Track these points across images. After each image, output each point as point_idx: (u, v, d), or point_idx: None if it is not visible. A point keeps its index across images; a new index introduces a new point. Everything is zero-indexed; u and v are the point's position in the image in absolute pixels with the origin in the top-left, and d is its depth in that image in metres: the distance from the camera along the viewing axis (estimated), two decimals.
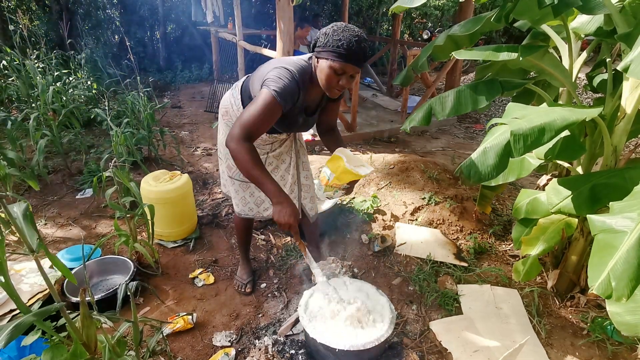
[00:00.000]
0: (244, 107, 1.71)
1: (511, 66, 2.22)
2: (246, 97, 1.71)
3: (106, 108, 3.24)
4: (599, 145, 1.96)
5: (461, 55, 1.83)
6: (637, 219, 1.22)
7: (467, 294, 2.18)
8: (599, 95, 2.31)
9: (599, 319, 1.98)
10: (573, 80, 2.01)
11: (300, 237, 1.55)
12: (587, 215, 1.37)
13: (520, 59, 1.67)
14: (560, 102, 2.17)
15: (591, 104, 2.21)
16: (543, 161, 2.02)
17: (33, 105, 3.61)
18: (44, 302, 1.84)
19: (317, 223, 2.26)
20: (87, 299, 1.16)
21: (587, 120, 1.44)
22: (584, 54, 2.09)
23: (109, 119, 2.65)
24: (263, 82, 1.51)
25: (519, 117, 1.52)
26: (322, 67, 1.46)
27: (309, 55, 1.59)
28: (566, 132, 1.73)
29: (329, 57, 1.42)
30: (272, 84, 1.45)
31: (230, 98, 1.81)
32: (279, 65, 1.51)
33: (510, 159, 1.49)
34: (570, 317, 2.05)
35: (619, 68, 1.37)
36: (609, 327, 1.91)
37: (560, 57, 2.14)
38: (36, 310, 0.96)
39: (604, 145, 1.83)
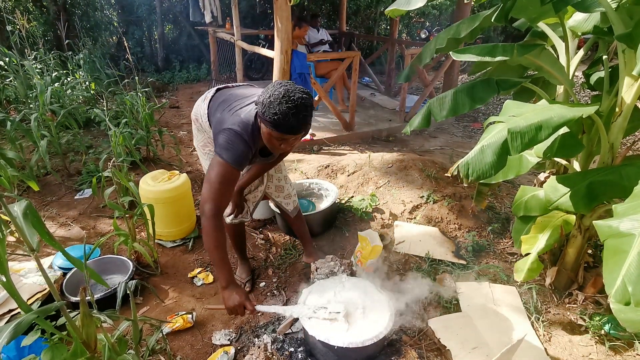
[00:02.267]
0: (209, 123, 1.77)
1: (510, 63, 2.23)
2: (212, 117, 1.76)
3: (104, 108, 3.25)
4: (596, 142, 1.97)
5: (458, 56, 1.84)
6: None
7: (465, 292, 2.18)
8: (596, 92, 2.32)
9: (597, 316, 1.99)
10: (570, 78, 2.02)
11: (253, 308, 1.53)
12: (593, 222, 1.38)
13: (518, 57, 1.68)
14: (558, 99, 2.18)
15: (589, 102, 2.22)
16: (541, 159, 2.03)
17: (31, 105, 3.60)
18: (43, 302, 1.84)
19: (300, 217, 2.33)
20: (87, 298, 1.17)
21: (583, 117, 1.45)
22: (581, 52, 2.10)
23: (107, 120, 2.65)
24: (215, 144, 1.56)
25: (516, 114, 1.53)
26: (264, 131, 1.51)
27: (255, 107, 1.57)
28: (564, 130, 1.74)
29: (267, 126, 1.46)
30: (225, 154, 1.50)
31: (200, 107, 1.87)
32: (228, 126, 1.55)
33: (508, 156, 1.51)
34: (568, 313, 2.06)
35: (634, 73, 1.37)
36: (607, 323, 1.92)
37: (557, 55, 2.15)
38: (37, 309, 0.97)
39: (601, 143, 1.84)
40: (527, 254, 2.01)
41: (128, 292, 1.30)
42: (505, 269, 2.36)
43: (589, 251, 2.24)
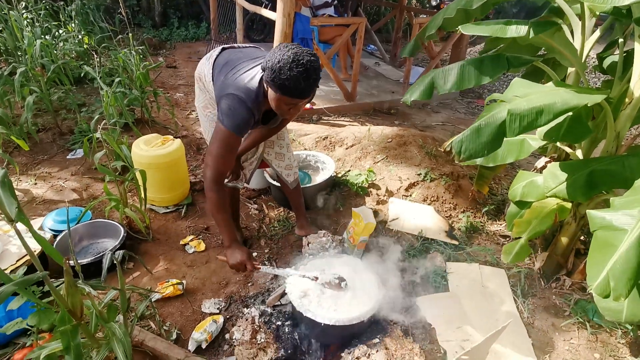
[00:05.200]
0: (213, 82, 1.73)
1: (520, 42, 2.12)
2: (216, 79, 1.71)
3: (97, 65, 3.12)
4: (601, 129, 1.92)
5: (468, 30, 1.74)
6: (638, 217, 1.20)
7: (455, 272, 2.20)
8: (608, 77, 2.23)
9: (582, 301, 2.02)
10: (584, 59, 1.93)
11: (254, 265, 1.61)
12: (587, 211, 1.35)
13: (530, 36, 1.59)
14: (568, 81, 2.10)
15: (599, 86, 2.14)
16: (543, 143, 1.98)
17: (21, 59, 3.46)
18: (32, 265, 1.84)
19: (298, 189, 2.30)
20: (71, 263, 1.15)
21: (589, 105, 1.39)
22: (597, 33, 2.00)
23: (99, 78, 2.55)
24: (218, 107, 1.55)
25: (521, 95, 1.47)
26: (272, 96, 1.48)
27: (261, 72, 1.52)
28: (570, 114, 1.68)
29: (277, 92, 1.42)
30: (226, 120, 1.51)
31: (204, 67, 1.81)
32: (230, 92, 1.52)
33: (506, 139, 1.46)
34: (553, 298, 2.09)
35: None
36: (590, 310, 1.95)
37: (573, 33, 2.05)
38: (17, 280, 0.95)
39: (607, 130, 1.78)
40: (517, 238, 2.01)
41: (115, 262, 1.29)
42: (496, 252, 2.38)
43: (581, 238, 2.24)
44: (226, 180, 2.07)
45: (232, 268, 1.61)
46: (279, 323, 1.63)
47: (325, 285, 1.58)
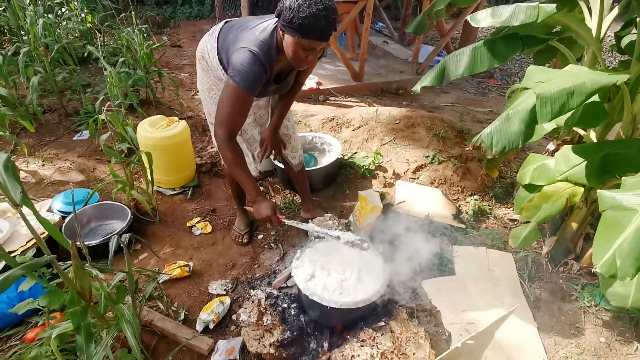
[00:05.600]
0: (219, 57, 1.66)
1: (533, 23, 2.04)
2: (222, 50, 1.65)
3: (101, 44, 3.07)
4: (617, 111, 1.85)
5: (476, 21, 1.67)
6: None
7: (461, 256, 2.19)
8: (625, 57, 2.14)
9: (590, 286, 2.01)
10: (602, 38, 1.85)
11: (280, 220, 1.59)
12: (598, 191, 1.32)
13: (545, 16, 1.52)
14: (584, 62, 2.02)
15: (615, 66, 2.06)
16: (557, 126, 1.93)
17: (25, 38, 3.42)
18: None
19: (303, 172, 2.28)
20: (78, 245, 1.16)
21: (617, 84, 1.33)
22: (615, 10, 1.90)
23: (102, 58, 2.51)
24: (229, 64, 1.49)
25: (543, 80, 1.41)
26: (289, 42, 1.41)
27: (273, 23, 1.48)
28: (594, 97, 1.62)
29: (295, 34, 1.36)
30: (238, 77, 1.43)
31: (206, 44, 1.73)
32: (241, 46, 1.46)
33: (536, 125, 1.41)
34: (560, 282, 2.08)
35: None
36: (598, 295, 1.94)
37: (590, 10, 1.96)
38: (26, 264, 0.95)
39: (624, 113, 1.72)
40: (526, 222, 1.99)
41: (122, 245, 1.29)
42: (503, 235, 2.36)
43: (591, 222, 2.21)
44: (272, 158, 2.11)
45: (258, 221, 1.55)
46: (285, 305, 1.64)
47: (348, 244, 1.57)
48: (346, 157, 2.91)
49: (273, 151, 2.04)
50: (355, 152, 2.96)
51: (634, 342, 1.77)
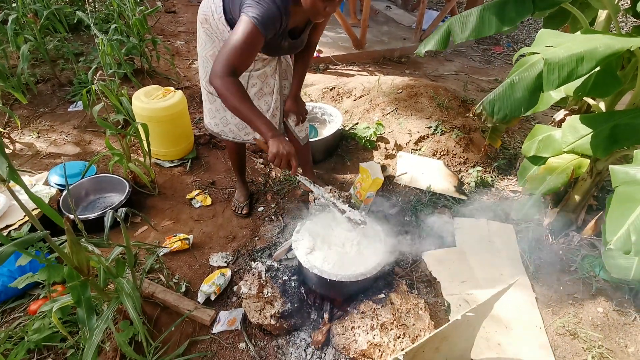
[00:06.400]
0: (225, 18, 1.55)
1: None
2: (232, 7, 1.52)
3: (91, 10, 2.94)
4: (629, 79, 1.78)
5: None
6: None
7: (462, 227, 2.19)
8: (637, 22, 2.03)
9: (590, 257, 2.01)
10: (617, 1, 1.75)
11: (297, 168, 1.48)
12: (610, 166, 1.28)
13: None
14: (597, 26, 1.92)
15: (627, 32, 1.96)
16: (565, 95, 1.86)
17: (14, 5, 3.27)
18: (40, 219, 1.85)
19: (307, 146, 2.22)
20: (72, 218, 1.14)
21: (632, 49, 1.26)
22: None
23: (93, 25, 2.40)
24: (241, 5, 1.38)
25: (554, 45, 1.34)
26: None
27: None
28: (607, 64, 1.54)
29: None
30: (251, 11, 1.33)
31: (210, 4, 1.59)
32: None
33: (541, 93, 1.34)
34: (560, 253, 2.08)
35: None
36: (598, 265, 1.94)
37: None
38: (18, 240, 0.94)
39: (637, 81, 1.65)
40: (530, 194, 1.96)
41: (118, 220, 1.27)
42: (505, 207, 2.33)
43: (594, 194, 2.18)
44: (293, 125, 2.03)
45: (275, 158, 1.38)
46: (285, 278, 1.65)
47: (349, 221, 1.57)
48: (347, 128, 2.85)
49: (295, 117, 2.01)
50: (357, 123, 2.90)
51: (632, 313, 1.78)
